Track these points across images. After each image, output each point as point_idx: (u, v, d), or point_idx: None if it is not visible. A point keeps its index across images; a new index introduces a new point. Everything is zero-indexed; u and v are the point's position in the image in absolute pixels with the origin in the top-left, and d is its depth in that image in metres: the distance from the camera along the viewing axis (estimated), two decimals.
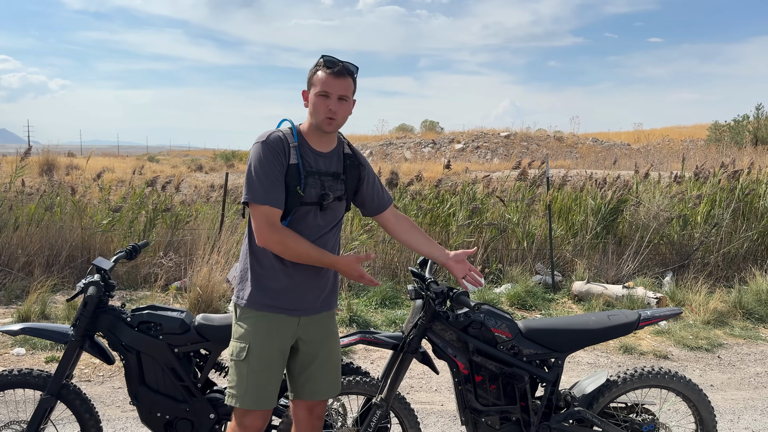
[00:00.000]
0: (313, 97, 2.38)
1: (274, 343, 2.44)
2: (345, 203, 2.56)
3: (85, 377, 4.75)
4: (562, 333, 2.92)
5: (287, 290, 2.45)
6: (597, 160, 23.30)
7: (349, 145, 2.59)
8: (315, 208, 2.42)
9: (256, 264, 2.47)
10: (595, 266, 7.76)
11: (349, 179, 2.53)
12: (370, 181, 2.64)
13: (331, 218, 2.50)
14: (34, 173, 14.31)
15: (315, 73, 2.40)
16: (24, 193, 8.11)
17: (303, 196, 2.38)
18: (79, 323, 2.87)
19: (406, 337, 2.83)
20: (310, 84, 2.42)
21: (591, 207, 8.28)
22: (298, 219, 2.43)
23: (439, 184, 8.56)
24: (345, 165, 2.52)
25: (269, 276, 2.44)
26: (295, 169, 2.38)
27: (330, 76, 2.35)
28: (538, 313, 6.60)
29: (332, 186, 2.46)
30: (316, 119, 2.39)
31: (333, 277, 2.58)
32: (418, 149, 30.78)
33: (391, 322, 6.09)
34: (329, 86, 2.35)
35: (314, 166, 2.43)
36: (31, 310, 5.98)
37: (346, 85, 2.38)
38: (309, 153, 2.44)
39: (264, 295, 2.44)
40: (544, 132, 32.85)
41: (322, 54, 2.42)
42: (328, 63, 2.37)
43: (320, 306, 2.53)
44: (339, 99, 2.36)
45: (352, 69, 2.41)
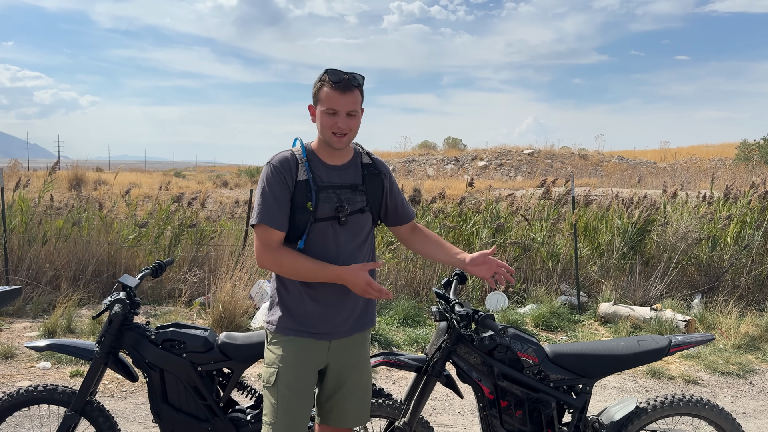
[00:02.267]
0: (321, 115, 2.30)
1: (303, 369, 2.37)
2: (371, 215, 2.46)
3: (108, 392, 4.77)
4: (590, 358, 2.86)
5: (314, 314, 2.37)
6: (623, 178, 23.04)
7: (369, 155, 2.51)
8: (332, 223, 2.34)
9: (282, 288, 2.42)
10: (621, 287, 7.63)
11: (371, 190, 2.44)
12: (394, 191, 2.57)
13: (355, 233, 2.40)
14: (63, 188, 14.60)
15: (320, 88, 2.30)
16: (53, 207, 8.25)
17: (313, 211, 2.30)
18: (104, 340, 2.89)
19: (429, 359, 2.79)
20: (316, 99, 2.33)
21: (617, 227, 8.16)
22: (317, 237, 2.35)
23: (462, 201, 8.51)
24: (363, 175, 2.43)
25: (295, 300, 2.39)
26: (305, 185, 2.32)
27: (336, 93, 2.25)
28: (564, 334, 6.49)
29: (350, 198, 2.38)
30: (325, 137, 2.32)
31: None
32: (440, 166, 30.76)
33: (413, 341, 6.03)
34: (336, 103, 2.26)
35: (327, 180, 2.35)
36: (58, 324, 6.05)
37: (354, 99, 2.28)
38: (320, 167, 2.37)
39: (292, 320, 2.39)
40: (569, 149, 32.62)
41: (326, 68, 2.32)
42: (334, 77, 2.26)
43: (351, 328, 2.44)
44: (348, 115, 2.28)
45: (358, 80, 2.30)
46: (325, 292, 2.36)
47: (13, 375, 5.04)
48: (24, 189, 8.10)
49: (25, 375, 5.05)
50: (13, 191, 7.98)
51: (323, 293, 2.37)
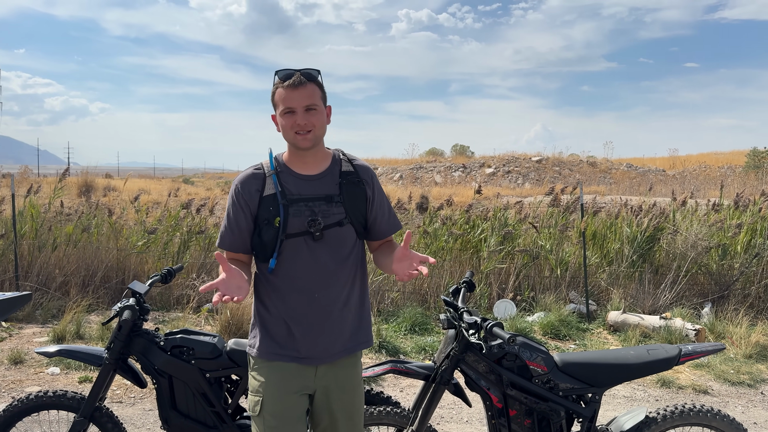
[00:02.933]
0: (280, 118, 2.18)
1: (289, 396, 2.21)
2: (352, 229, 2.25)
3: (117, 398, 4.79)
4: (599, 367, 2.84)
5: (295, 337, 2.21)
6: (631, 186, 22.95)
7: (351, 162, 2.32)
8: (305, 238, 2.17)
9: (262, 309, 2.28)
10: (630, 296, 7.58)
11: (350, 200, 2.24)
12: (377, 202, 2.32)
13: (335, 249, 2.21)
14: (72, 194, 14.70)
15: (274, 92, 2.18)
16: (63, 213, 8.31)
17: (281, 227, 2.15)
18: (113, 346, 2.90)
19: (438, 367, 2.78)
20: (274, 106, 2.21)
21: (627, 235, 8.12)
22: (290, 255, 2.18)
23: (470, 209, 8.50)
24: (341, 184, 2.24)
25: (275, 322, 2.23)
26: (272, 200, 2.18)
27: (288, 90, 2.13)
28: (572, 343, 6.45)
29: (325, 211, 2.19)
30: (288, 138, 2.19)
31: (356, 315, 2.29)
32: (448, 173, 30.76)
33: (420, 348, 6.01)
34: (290, 101, 2.13)
35: (297, 192, 2.20)
36: (67, 329, 6.08)
37: (309, 93, 2.14)
38: (291, 179, 2.22)
39: (273, 344, 2.23)
40: (577, 157, 32.56)
41: (276, 69, 2.21)
42: (284, 77, 2.15)
43: (340, 351, 2.25)
44: (306, 110, 2.14)
45: (312, 74, 2.18)
46: (306, 313, 2.20)
47: (22, 380, 5.07)
48: (34, 195, 8.16)
49: (34, 380, 5.07)
50: (25, 197, 8.04)
51: (306, 314, 2.20)
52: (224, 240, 2.26)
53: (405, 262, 2.12)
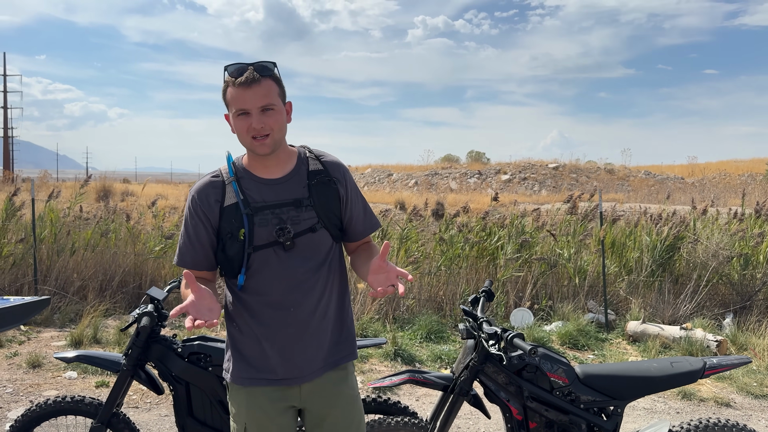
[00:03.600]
0: (233, 120, 1.94)
1: (273, 420, 2.04)
2: (327, 233, 2.04)
3: (133, 403, 4.79)
4: (622, 380, 2.79)
5: (270, 357, 2.01)
6: (650, 193, 22.73)
7: (319, 158, 2.09)
8: (275, 249, 1.97)
9: (234, 329, 2.07)
10: (650, 305, 7.48)
11: (321, 202, 2.02)
12: (351, 199, 2.10)
13: (308, 257, 2.00)
14: (91, 199, 14.85)
15: (225, 90, 1.94)
16: (81, 218, 8.38)
17: (247, 240, 1.95)
18: (131, 353, 2.90)
19: (456, 378, 2.74)
20: (226, 104, 1.96)
21: (646, 243, 8.02)
22: (260, 268, 1.98)
23: (486, 216, 8.44)
24: (310, 185, 2.02)
25: (247, 343, 2.04)
26: (234, 210, 1.96)
27: (240, 89, 1.88)
28: (591, 353, 6.36)
29: (294, 217, 1.98)
30: (245, 143, 1.96)
31: (336, 326, 2.10)
32: (463, 180, 30.68)
33: (436, 357, 5.96)
34: (244, 101, 1.88)
35: (261, 199, 1.97)
36: (84, 334, 6.12)
37: (264, 91, 1.89)
38: (253, 186, 1.99)
39: (247, 367, 2.04)
40: (594, 164, 32.32)
41: (225, 64, 1.93)
42: (234, 73, 1.90)
43: (322, 366, 2.06)
44: (262, 111, 1.89)
45: (267, 67, 1.92)
46: (281, 330, 2.00)
47: (40, 384, 5.10)
48: (54, 200, 8.24)
49: (52, 384, 5.10)
50: (45, 202, 8.13)
51: (280, 331, 2.00)
52: (184, 257, 2.03)
53: (381, 275, 1.88)
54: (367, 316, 6.79)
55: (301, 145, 2.14)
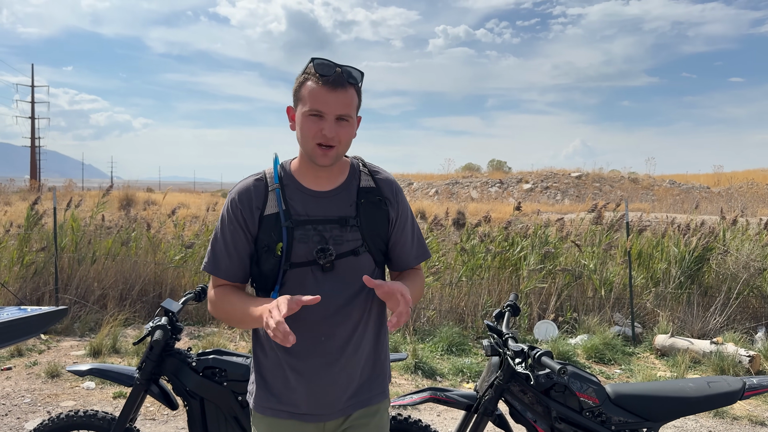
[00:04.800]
0: (301, 118, 1.75)
1: None
2: (370, 257, 1.86)
3: (150, 415, 4.73)
4: (655, 400, 2.64)
5: (297, 389, 1.83)
6: (675, 203, 22.33)
7: (373, 174, 1.91)
8: (313, 269, 1.79)
9: (260, 353, 1.90)
10: (678, 318, 7.26)
11: (369, 224, 1.84)
12: (400, 223, 1.91)
13: (348, 282, 1.81)
14: (114, 207, 14.98)
15: (303, 83, 1.75)
16: (103, 227, 8.41)
17: (284, 256, 1.78)
18: (144, 366, 2.83)
19: (480, 397, 2.62)
20: (297, 99, 1.77)
21: (674, 254, 7.80)
22: (295, 287, 1.79)
23: (508, 225, 8.29)
24: (358, 204, 1.84)
25: (274, 369, 1.86)
26: (274, 221, 1.79)
27: (324, 89, 1.71)
28: (618, 368, 6.17)
29: (338, 237, 1.80)
30: (306, 148, 1.77)
31: (369, 361, 1.90)
32: (484, 189, 30.47)
33: (458, 370, 5.82)
34: (323, 103, 1.71)
35: (304, 212, 1.80)
36: (103, 343, 6.10)
37: (347, 99, 1.73)
38: (298, 196, 1.82)
39: (269, 396, 1.86)
40: (618, 173, 31.90)
41: (313, 56, 1.75)
42: (321, 69, 1.72)
43: (349, 405, 1.86)
44: (337, 119, 1.73)
45: (355, 76, 1.76)
46: (310, 361, 1.81)
47: (58, 394, 5.07)
48: (76, 209, 8.27)
49: (70, 395, 5.07)
50: (65, 211, 8.17)
51: (307, 361, 1.81)
52: (218, 264, 1.84)
53: (390, 300, 1.71)
54: None
55: (355, 156, 1.95)
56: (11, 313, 3.93)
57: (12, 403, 4.85)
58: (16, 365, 5.76)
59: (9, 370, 5.63)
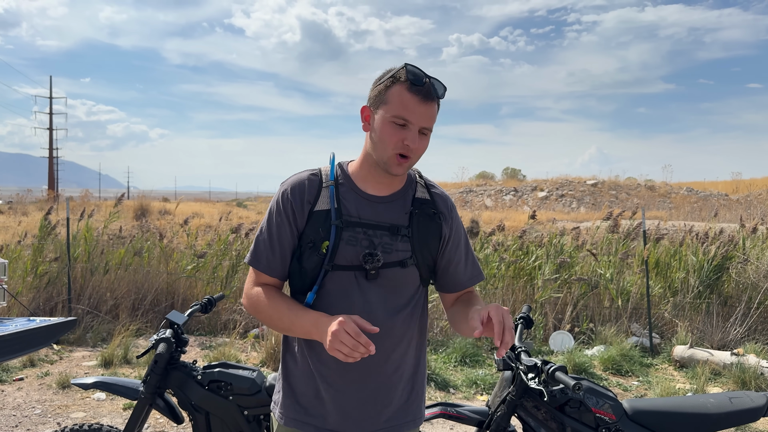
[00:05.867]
0: (382, 123, 1.68)
1: None
2: (417, 272, 1.78)
3: (160, 427, 4.69)
4: (675, 417, 2.54)
5: (323, 401, 1.75)
6: (692, 210, 22.03)
7: (429, 187, 1.85)
8: (357, 274, 1.72)
9: (290, 359, 1.83)
10: (697, 329, 7.10)
11: (420, 236, 1.77)
12: (453, 242, 1.84)
13: (392, 293, 1.75)
14: (129, 217, 15.07)
15: (390, 87, 1.68)
16: (117, 237, 8.43)
17: (329, 255, 1.71)
18: (149, 380, 2.78)
19: (493, 413, 2.54)
20: (379, 101, 1.70)
21: (692, 263, 7.65)
22: (335, 291, 1.72)
23: (523, 234, 8.19)
24: (411, 214, 1.77)
25: (303, 378, 1.77)
26: (323, 218, 1.72)
27: (415, 98, 1.64)
28: (635, 379, 6.03)
29: (387, 245, 1.73)
30: (382, 155, 1.70)
31: (407, 384, 1.80)
32: (499, 197, 30.32)
33: (471, 382, 5.72)
34: (412, 112, 1.65)
35: (357, 214, 1.74)
36: (115, 354, 6.08)
37: (433, 113, 1.69)
38: (352, 196, 1.76)
39: (296, 407, 1.78)
40: (634, 180, 31.59)
41: (406, 62, 1.69)
42: (414, 78, 1.65)
43: (382, 428, 1.77)
44: (420, 131, 1.68)
45: (441, 90, 1.71)
46: (342, 374, 1.73)
47: (68, 405, 5.04)
48: (90, 219, 8.30)
49: (80, 406, 5.04)
50: (78, 221, 8.20)
51: (338, 374, 1.73)
52: (259, 257, 1.77)
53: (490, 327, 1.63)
54: None
55: (413, 169, 1.88)
56: (20, 324, 3.91)
57: (23, 414, 4.84)
58: (27, 376, 5.76)
59: (21, 381, 5.62)
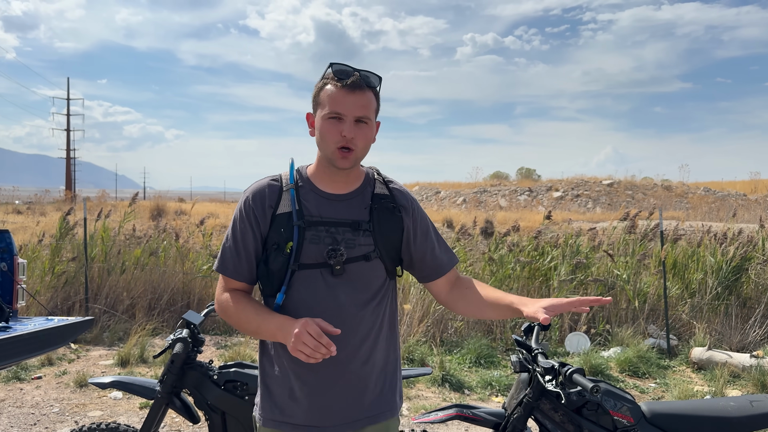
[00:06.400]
0: (321, 121, 1.76)
1: None
2: (382, 265, 1.85)
3: (176, 426, 4.71)
4: (694, 420, 2.51)
5: (302, 401, 1.79)
6: (710, 211, 21.77)
7: (387, 183, 1.92)
8: (323, 272, 1.77)
9: (266, 361, 1.88)
10: (716, 330, 7.01)
11: (382, 230, 1.83)
12: (421, 231, 1.91)
13: (359, 288, 1.80)
14: (145, 217, 15.19)
15: (322, 88, 1.77)
16: (133, 237, 8.49)
17: (293, 255, 1.76)
18: (165, 380, 2.80)
19: (509, 415, 2.52)
20: (316, 104, 1.80)
21: (710, 264, 7.56)
22: (302, 290, 1.78)
23: (538, 235, 8.14)
24: (372, 209, 1.84)
25: (278, 379, 1.82)
26: (286, 220, 1.78)
27: (343, 91, 1.73)
28: (652, 381, 5.97)
29: (350, 240, 1.79)
30: (326, 150, 1.77)
31: (380, 377, 1.86)
32: (513, 197, 30.15)
33: (486, 383, 5.69)
34: (342, 105, 1.72)
35: (317, 213, 1.80)
36: (131, 353, 6.12)
37: (365, 101, 1.75)
38: (312, 197, 1.82)
39: (273, 408, 1.83)
40: (651, 180, 31.26)
41: (331, 61, 1.79)
42: (339, 73, 1.75)
43: (357, 420, 1.81)
44: (356, 122, 1.74)
45: (372, 80, 1.78)
46: (318, 372, 1.77)
47: (85, 404, 5.09)
48: (106, 219, 8.38)
49: (97, 405, 5.08)
50: (95, 221, 8.27)
51: (315, 373, 1.77)
52: (226, 263, 1.84)
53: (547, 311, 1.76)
54: (414, 339, 6.58)
55: (370, 167, 1.97)
56: (39, 324, 3.96)
57: (41, 413, 4.89)
58: (46, 374, 5.82)
59: (39, 379, 5.69)
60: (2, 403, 5.06)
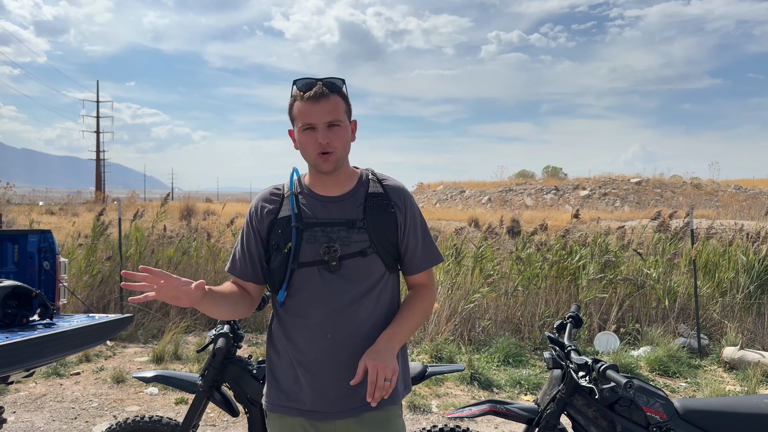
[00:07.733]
0: (298, 134, 1.91)
1: None
2: (379, 259, 1.94)
3: (211, 421, 4.83)
4: (728, 417, 2.51)
5: (302, 386, 1.91)
6: (741, 209, 21.37)
7: (381, 182, 2.03)
8: (320, 269, 1.90)
9: (272, 352, 2.02)
10: (748, 330, 6.93)
11: (376, 226, 1.93)
12: (409, 229, 2.00)
13: (355, 282, 1.91)
14: (175, 218, 15.44)
15: (292, 104, 1.92)
16: (165, 237, 8.68)
17: (292, 254, 1.90)
18: (207, 374, 2.89)
19: (542, 411, 2.55)
20: (292, 120, 1.95)
21: (742, 263, 7.46)
22: (302, 286, 1.92)
23: (566, 234, 8.11)
24: (365, 207, 1.95)
25: (284, 367, 1.95)
26: (285, 223, 1.94)
27: (308, 103, 1.86)
28: (683, 381, 5.93)
29: (345, 238, 1.90)
30: (309, 159, 1.92)
31: None
32: (539, 196, 29.92)
33: (515, 382, 5.72)
34: (311, 115, 1.86)
35: (313, 215, 1.93)
36: (165, 350, 6.28)
37: (331, 106, 1.87)
38: (309, 201, 1.97)
39: (280, 394, 1.95)
40: (680, 178, 30.75)
41: (294, 78, 1.93)
42: (303, 87, 1.89)
43: (360, 405, 1.90)
44: (329, 126, 1.87)
45: (336, 84, 1.91)
46: (316, 357, 1.90)
47: (123, 399, 5.24)
48: (139, 219, 8.57)
49: (134, 400, 5.23)
50: (131, 222, 8.47)
51: (313, 358, 1.90)
52: (234, 265, 2.03)
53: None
54: (442, 337, 6.63)
55: (366, 168, 2.09)
56: (81, 321, 4.10)
57: (80, 407, 5.05)
58: (84, 370, 6.00)
59: (77, 375, 5.86)
60: (44, 398, 5.24)
